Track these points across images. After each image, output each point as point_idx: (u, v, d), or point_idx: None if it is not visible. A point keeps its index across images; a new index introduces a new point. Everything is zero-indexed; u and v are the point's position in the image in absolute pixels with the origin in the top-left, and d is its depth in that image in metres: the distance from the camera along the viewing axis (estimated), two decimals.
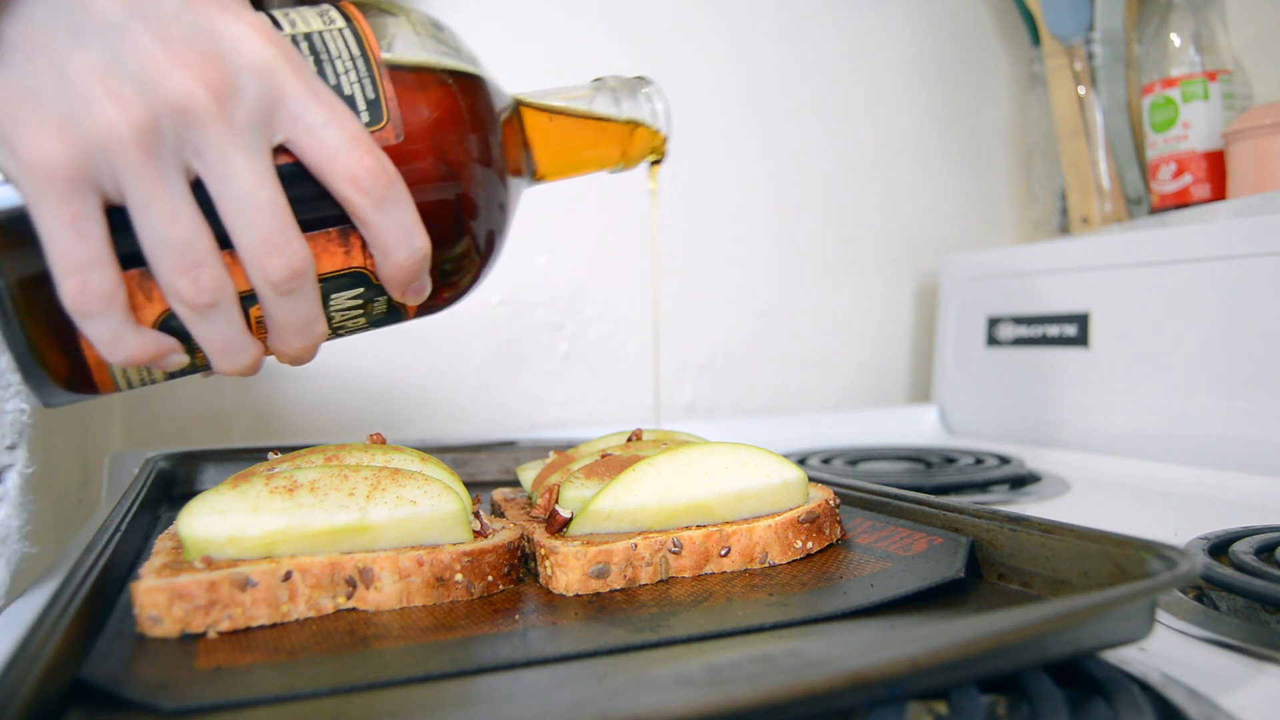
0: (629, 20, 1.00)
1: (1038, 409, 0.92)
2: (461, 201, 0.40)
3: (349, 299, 0.40)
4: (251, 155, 0.34)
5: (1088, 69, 1.01)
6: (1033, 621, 0.26)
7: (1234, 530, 0.49)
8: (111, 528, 0.42)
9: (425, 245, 0.38)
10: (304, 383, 0.87)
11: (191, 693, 0.29)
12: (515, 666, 0.31)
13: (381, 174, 0.36)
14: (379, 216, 0.37)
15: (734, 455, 0.45)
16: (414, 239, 0.38)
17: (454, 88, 0.40)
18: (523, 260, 0.96)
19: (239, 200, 0.34)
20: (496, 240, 0.44)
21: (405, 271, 0.38)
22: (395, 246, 0.37)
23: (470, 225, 0.41)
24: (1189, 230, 0.79)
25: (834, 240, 1.12)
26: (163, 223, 0.33)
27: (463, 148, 0.40)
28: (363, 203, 0.36)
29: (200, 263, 0.34)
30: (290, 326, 0.38)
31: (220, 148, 0.34)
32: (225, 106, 0.33)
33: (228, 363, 0.38)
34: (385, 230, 0.37)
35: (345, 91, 0.37)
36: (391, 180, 0.36)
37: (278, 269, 0.35)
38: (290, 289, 0.36)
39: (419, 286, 0.40)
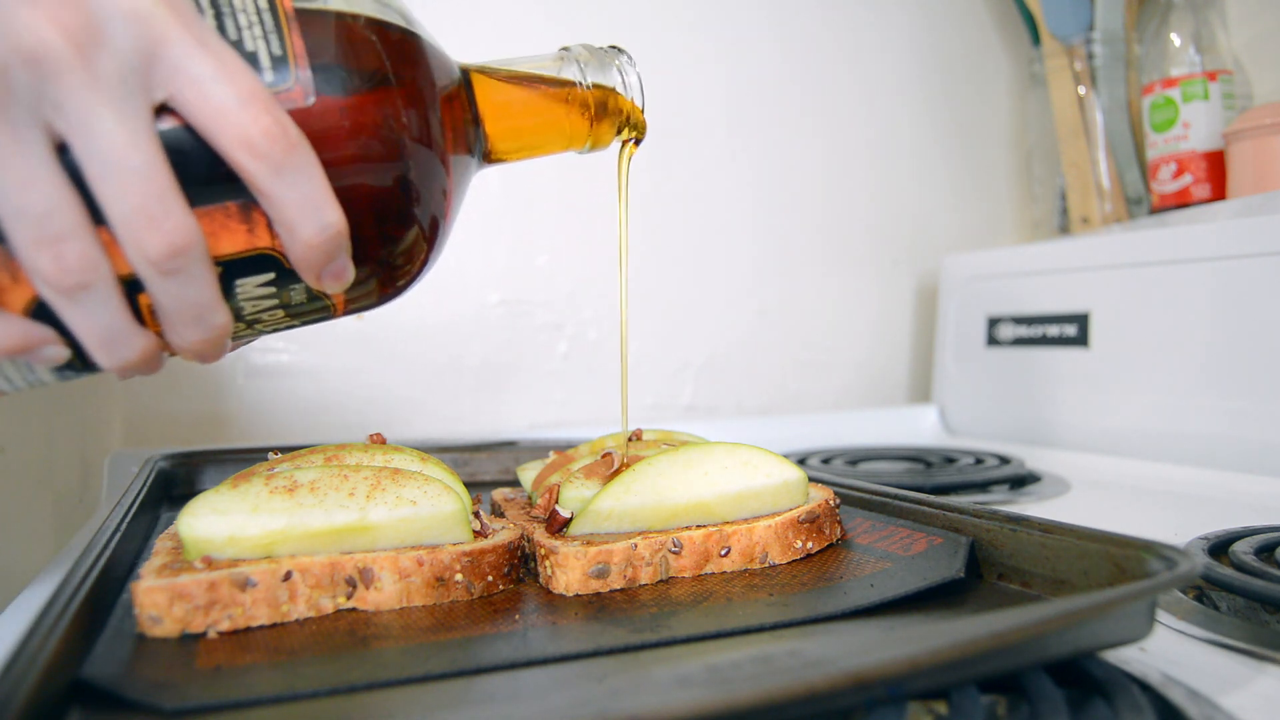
0: (628, 21, 1.00)
1: (1038, 409, 0.92)
2: (390, 180, 0.35)
3: (258, 286, 0.35)
4: (121, 112, 0.29)
5: (1088, 69, 1.01)
6: (1033, 621, 0.26)
7: (1234, 530, 0.49)
8: (111, 528, 0.42)
9: (337, 221, 0.33)
10: (304, 383, 0.87)
11: (191, 693, 0.29)
12: (515, 666, 0.31)
13: (281, 136, 0.31)
14: (279, 186, 0.31)
15: (734, 455, 0.45)
16: (323, 213, 0.33)
17: (379, 45, 0.34)
18: (523, 260, 0.96)
19: (106, 163, 0.29)
20: (439, 228, 0.38)
21: (315, 251, 0.33)
22: (300, 221, 0.32)
23: (403, 209, 0.36)
24: (1189, 230, 0.79)
25: (834, 240, 1.12)
26: (16, 188, 0.29)
27: (390, 116, 0.34)
28: (258, 169, 0.31)
29: (64, 236, 0.29)
30: (180, 315, 0.33)
31: (82, 102, 0.29)
32: (86, 54, 0.29)
33: (109, 356, 0.33)
34: (287, 202, 0.32)
35: (248, 47, 0.32)
36: (293, 144, 0.31)
37: (155, 244, 0.30)
38: (172, 268, 0.31)
39: (335, 270, 0.35)
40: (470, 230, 0.94)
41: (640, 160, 1.05)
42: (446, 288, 0.93)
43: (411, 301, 0.91)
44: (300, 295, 0.36)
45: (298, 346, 0.87)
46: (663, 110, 1.02)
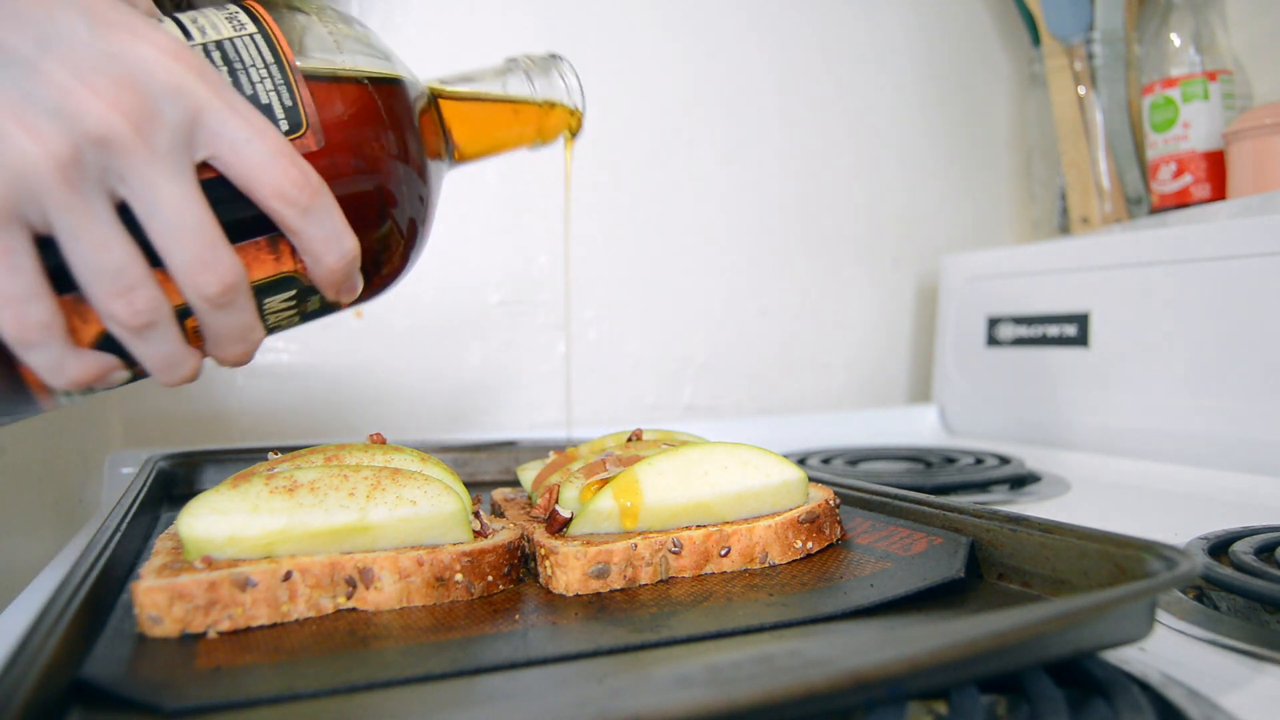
0: (627, 21, 1.00)
1: (1038, 409, 0.92)
2: (384, 197, 0.41)
3: (282, 301, 0.40)
4: (175, 177, 0.34)
5: (1088, 69, 1.01)
6: (1033, 621, 0.26)
7: (1234, 530, 0.49)
8: (111, 528, 0.42)
9: (355, 247, 0.39)
10: (304, 383, 0.87)
11: (191, 693, 0.29)
12: (515, 666, 0.31)
13: (306, 185, 0.36)
14: (308, 225, 0.37)
15: (734, 455, 0.45)
16: (343, 243, 0.38)
17: (370, 89, 0.40)
18: (523, 260, 0.96)
19: (167, 223, 0.34)
20: (421, 227, 0.44)
21: (337, 274, 0.39)
22: (325, 252, 0.38)
23: (395, 218, 0.42)
24: (1189, 230, 0.79)
25: (834, 240, 1.12)
26: (93, 252, 0.34)
27: (382, 146, 0.40)
28: (290, 214, 0.36)
29: (134, 286, 0.34)
30: (228, 337, 0.38)
31: (144, 174, 0.34)
32: (144, 132, 0.33)
33: (168, 376, 0.38)
34: (315, 239, 0.37)
35: (262, 100, 0.37)
36: (317, 190, 0.37)
37: (210, 285, 0.36)
38: (224, 303, 0.36)
39: (351, 285, 0.41)
40: (470, 230, 0.94)
41: (640, 160, 1.06)
42: (446, 288, 0.93)
43: (412, 302, 0.91)
44: (315, 305, 0.42)
45: (298, 346, 0.87)
46: (663, 110, 1.02)
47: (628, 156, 1.00)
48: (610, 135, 0.99)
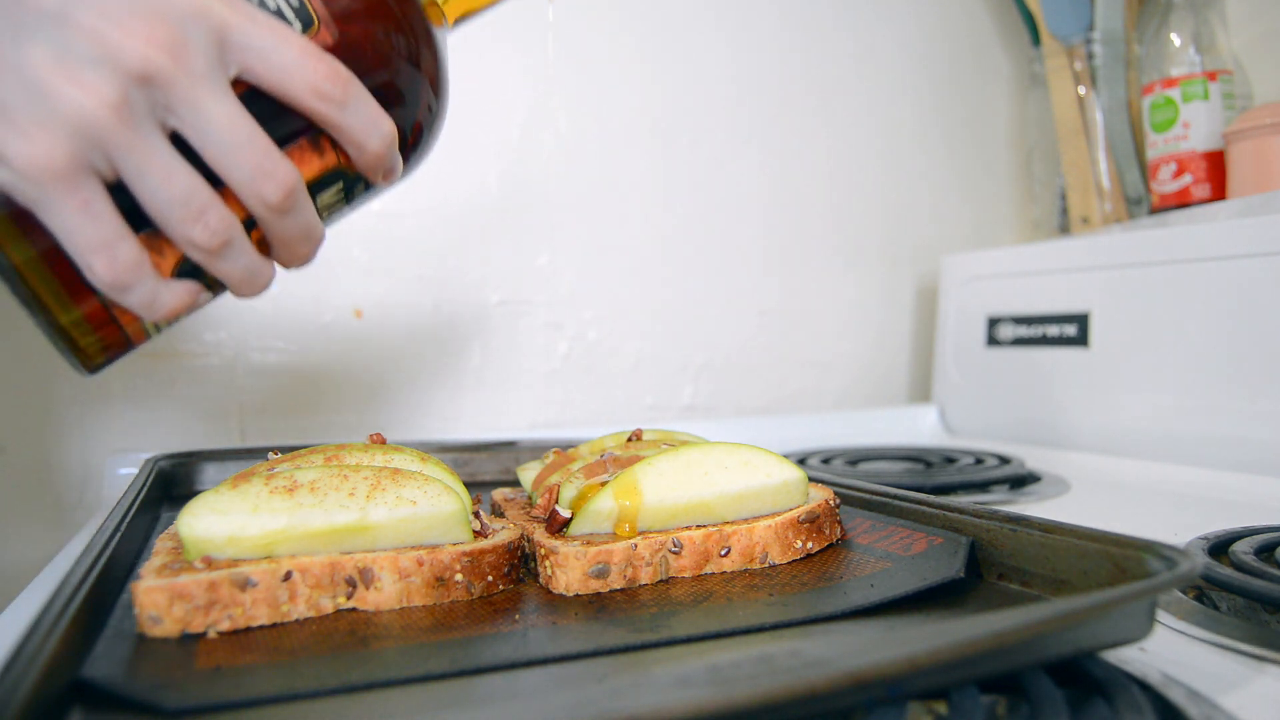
0: (627, 22, 1.00)
1: (1038, 409, 0.92)
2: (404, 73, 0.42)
3: (333, 195, 0.42)
4: (219, 97, 0.35)
5: (1088, 69, 1.01)
6: (1033, 621, 0.26)
7: (1234, 530, 0.49)
8: (111, 528, 0.42)
9: (392, 128, 0.40)
10: (304, 383, 0.87)
11: (191, 693, 0.29)
12: (515, 666, 0.31)
13: (338, 78, 0.37)
14: (346, 117, 0.38)
15: (734, 455, 0.45)
16: (381, 126, 0.40)
17: None
18: (523, 260, 0.96)
19: (221, 142, 0.36)
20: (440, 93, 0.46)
21: (380, 158, 0.41)
22: (367, 139, 0.39)
23: (417, 90, 0.43)
24: (1189, 230, 0.79)
25: (834, 240, 1.12)
26: (162, 184, 0.35)
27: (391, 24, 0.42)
28: (329, 110, 0.38)
29: (205, 209, 0.36)
30: (295, 239, 0.40)
31: (189, 99, 0.35)
32: (181, 60, 0.34)
33: (249, 289, 0.40)
34: (354, 128, 0.39)
35: (271, 7, 0.38)
36: (346, 80, 0.38)
37: (273, 193, 0.37)
38: (288, 207, 0.38)
39: (394, 165, 0.42)
40: (470, 230, 0.94)
41: (641, 160, 1.05)
42: (446, 288, 0.93)
43: (412, 302, 0.91)
44: (361, 192, 0.44)
45: (298, 346, 0.87)
46: (663, 110, 1.02)
47: (628, 156, 1.00)
48: (611, 134, 0.99)
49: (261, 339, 0.86)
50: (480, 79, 0.94)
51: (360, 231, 0.89)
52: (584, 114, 0.98)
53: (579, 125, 0.98)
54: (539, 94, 0.96)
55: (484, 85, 0.94)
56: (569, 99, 0.98)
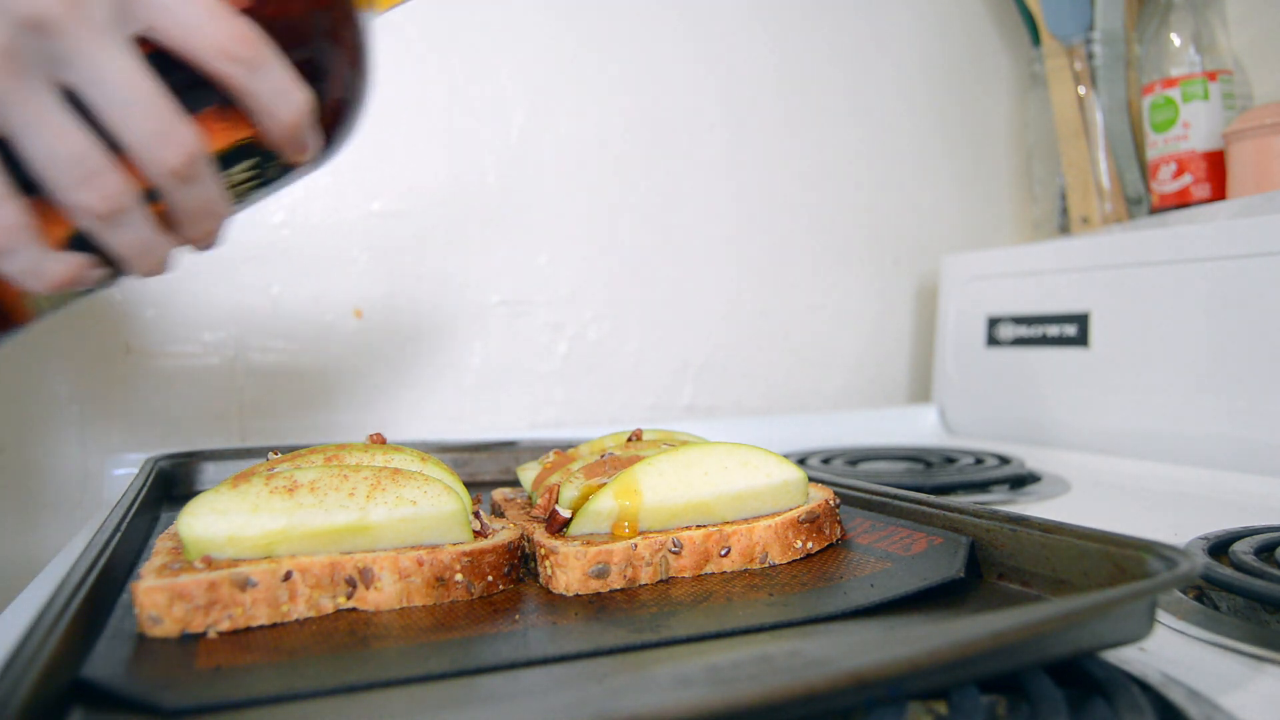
0: (627, 22, 1.00)
1: (1038, 409, 0.92)
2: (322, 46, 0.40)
3: (244, 171, 0.40)
4: (117, 53, 0.33)
5: (1088, 69, 1.01)
6: (1033, 621, 0.26)
7: (1234, 530, 0.49)
8: (111, 528, 0.42)
9: (305, 99, 0.38)
10: (304, 383, 0.87)
11: (191, 693, 0.29)
12: (515, 666, 0.31)
13: (248, 40, 0.35)
14: (256, 82, 0.36)
15: (734, 455, 0.45)
16: (293, 96, 0.37)
17: None
18: (523, 260, 0.96)
19: (117, 100, 0.33)
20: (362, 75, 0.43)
21: (293, 129, 0.38)
22: (278, 108, 0.37)
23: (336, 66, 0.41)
24: (1189, 230, 0.79)
25: (834, 240, 1.12)
26: (50, 143, 0.33)
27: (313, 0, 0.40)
28: (236, 72, 0.35)
29: (97, 172, 0.34)
30: (198, 212, 0.38)
31: (85, 53, 0.33)
32: (78, 10, 0.32)
33: (144, 264, 0.38)
34: (264, 95, 0.36)
35: None
36: (258, 44, 0.36)
37: (173, 158, 0.35)
38: (189, 174, 0.36)
39: (308, 141, 0.40)
40: (470, 230, 0.94)
41: (641, 160, 1.05)
42: (447, 287, 0.93)
43: (412, 302, 0.91)
44: (276, 170, 0.41)
45: (298, 346, 0.87)
46: (664, 110, 1.02)
47: (628, 156, 1.00)
48: (611, 134, 0.99)
49: (261, 339, 0.86)
50: (480, 79, 0.94)
51: (360, 231, 0.89)
52: (584, 114, 0.98)
53: (579, 125, 0.98)
54: (539, 94, 0.96)
55: (484, 85, 0.94)
56: (569, 99, 0.98)
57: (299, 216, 0.87)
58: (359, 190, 0.90)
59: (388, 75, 0.90)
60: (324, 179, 0.88)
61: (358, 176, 0.89)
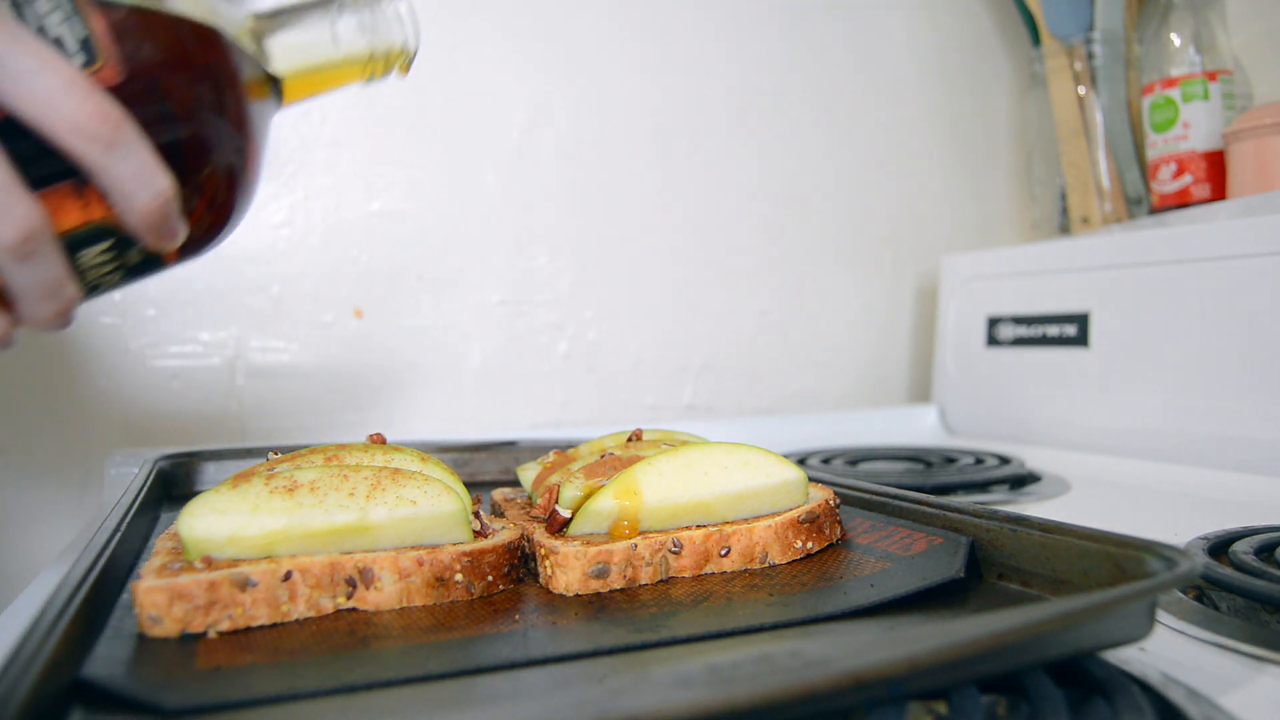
0: (627, 22, 1.00)
1: (1038, 409, 0.92)
2: (199, 134, 0.38)
3: (99, 254, 0.37)
4: None
5: (1088, 69, 1.01)
6: (1033, 621, 0.26)
7: (1234, 530, 0.49)
8: (111, 528, 0.42)
9: (168, 185, 0.36)
10: (304, 383, 0.87)
11: (191, 693, 0.29)
12: (515, 666, 0.31)
13: (106, 118, 0.33)
14: (112, 163, 0.34)
15: (734, 455, 0.45)
16: (155, 181, 0.35)
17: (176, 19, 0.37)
18: (523, 260, 0.96)
19: None
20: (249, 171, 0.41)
21: (152, 217, 0.36)
22: (135, 192, 0.35)
23: (213, 158, 0.39)
24: (1189, 230, 0.79)
25: (834, 240, 1.12)
26: None
27: (191, 78, 0.37)
28: (90, 150, 0.33)
29: None
30: (35, 293, 0.35)
31: None
32: None
33: None
34: (121, 177, 0.34)
35: (51, 34, 0.34)
36: (118, 123, 0.34)
37: (8, 234, 0.33)
38: (26, 253, 0.34)
39: (170, 230, 0.37)
40: (470, 230, 0.94)
41: (641, 160, 1.05)
42: (446, 288, 0.93)
43: (412, 301, 0.91)
44: (136, 257, 0.39)
45: (298, 346, 0.87)
46: (664, 110, 1.02)
47: (628, 156, 1.00)
48: (611, 134, 0.99)
49: (261, 339, 0.86)
50: (480, 79, 0.94)
51: (360, 231, 0.89)
52: (584, 114, 0.98)
53: (579, 125, 0.98)
54: (539, 94, 0.96)
55: (484, 85, 0.94)
56: (569, 99, 0.98)
57: (299, 216, 0.87)
58: (359, 190, 0.90)
59: None
60: (324, 179, 0.88)
61: (358, 176, 0.89)
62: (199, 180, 0.38)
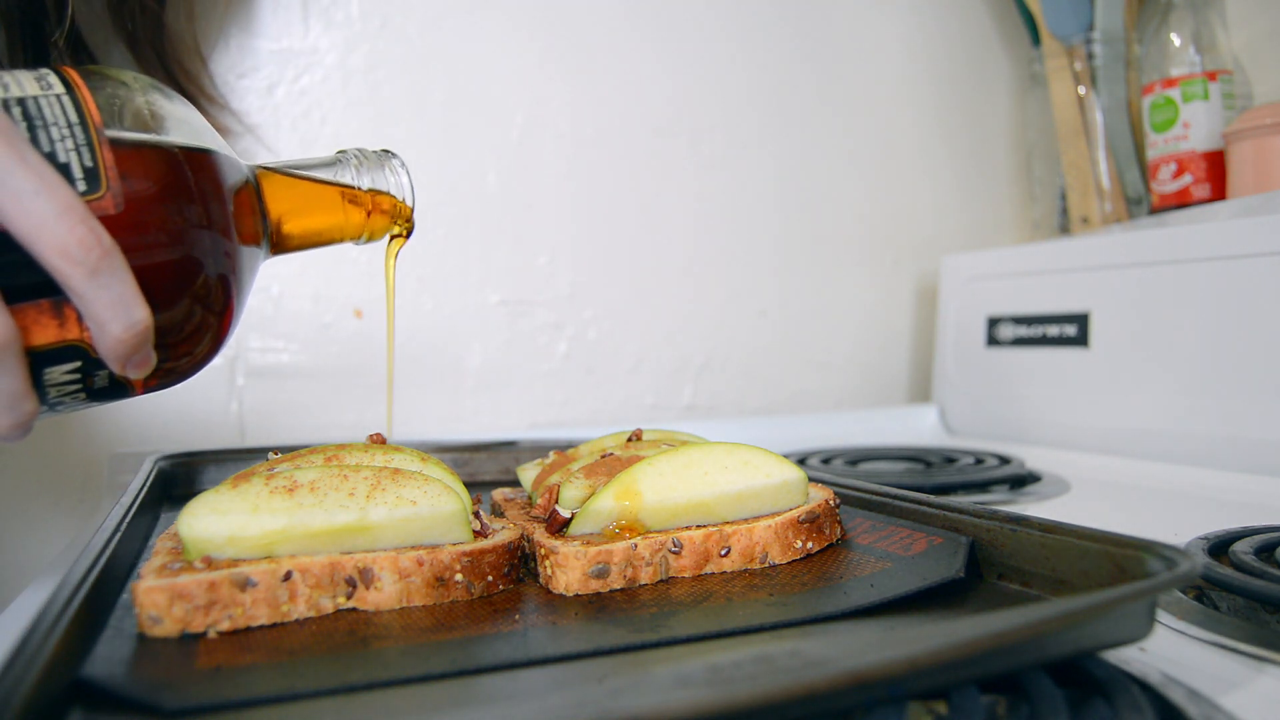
0: (627, 22, 1.00)
1: (1038, 409, 0.92)
2: (186, 272, 0.39)
3: (65, 373, 0.38)
4: None
5: (1088, 69, 1.01)
6: (1033, 621, 0.26)
7: (1234, 530, 0.49)
8: (111, 528, 0.42)
9: (145, 318, 0.37)
10: (304, 383, 0.87)
11: (191, 693, 0.29)
12: (515, 666, 0.31)
13: (95, 245, 0.34)
14: (93, 288, 0.35)
15: (734, 455, 0.45)
16: (132, 312, 0.36)
17: (179, 159, 0.39)
18: (523, 260, 0.96)
19: None
20: (224, 309, 0.42)
21: (124, 345, 0.37)
22: (111, 319, 0.36)
23: (198, 298, 0.40)
24: (1189, 230, 0.79)
25: (834, 240, 1.12)
26: None
27: (186, 218, 0.39)
28: (74, 274, 0.34)
29: None
30: None
31: None
32: None
33: None
34: (100, 303, 0.35)
35: (60, 159, 0.36)
36: (106, 251, 0.35)
37: None
38: None
39: (140, 360, 0.38)
40: (470, 230, 0.94)
41: (641, 160, 1.05)
42: (446, 288, 0.93)
43: (412, 301, 0.91)
44: (104, 380, 0.39)
45: (298, 346, 0.87)
46: (664, 110, 1.02)
47: (628, 156, 1.00)
48: (611, 134, 0.99)
49: (261, 339, 0.86)
50: (480, 79, 0.94)
51: None
52: (584, 114, 0.98)
53: (579, 125, 0.98)
54: (539, 94, 0.96)
55: (484, 85, 0.94)
56: (569, 99, 0.98)
57: None
58: None
59: (388, 75, 0.90)
60: None
61: None
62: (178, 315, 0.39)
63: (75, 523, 0.80)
